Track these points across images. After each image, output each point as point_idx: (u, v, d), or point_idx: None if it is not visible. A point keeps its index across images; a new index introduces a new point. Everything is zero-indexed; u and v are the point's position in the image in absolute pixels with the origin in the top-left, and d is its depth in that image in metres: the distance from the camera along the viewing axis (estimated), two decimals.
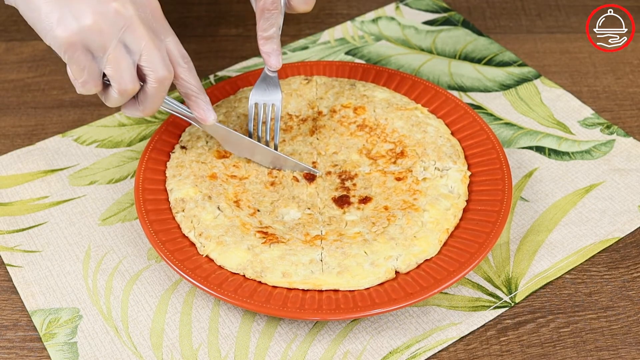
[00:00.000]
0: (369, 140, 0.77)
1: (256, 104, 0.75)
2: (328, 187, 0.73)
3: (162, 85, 0.63)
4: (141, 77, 0.62)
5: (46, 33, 0.59)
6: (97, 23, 0.59)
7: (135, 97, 0.64)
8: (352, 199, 0.71)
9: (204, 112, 0.68)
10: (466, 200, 0.70)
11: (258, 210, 0.70)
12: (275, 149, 0.74)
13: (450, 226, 0.68)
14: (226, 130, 0.71)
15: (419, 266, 0.65)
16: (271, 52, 0.72)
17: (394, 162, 0.74)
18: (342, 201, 0.71)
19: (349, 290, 0.64)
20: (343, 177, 0.74)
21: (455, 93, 0.85)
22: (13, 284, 0.69)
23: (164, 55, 0.62)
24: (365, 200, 0.71)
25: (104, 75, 0.62)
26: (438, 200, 0.69)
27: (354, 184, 0.73)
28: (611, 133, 0.81)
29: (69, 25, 0.58)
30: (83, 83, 0.61)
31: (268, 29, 0.70)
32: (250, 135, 0.75)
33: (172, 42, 0.65)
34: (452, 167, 0.72)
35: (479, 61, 0.90)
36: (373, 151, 0.76)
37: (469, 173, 0.72)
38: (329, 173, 0.74)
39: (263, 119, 0.75)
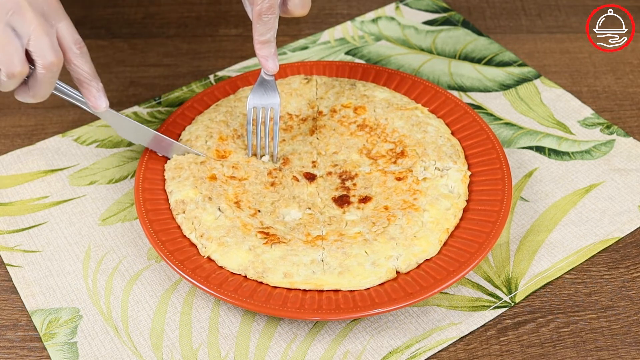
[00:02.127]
0: (369, 140, 0.77)
1: (254, 108, 0.75)
2: (328, 187, 0.73)
3: (50, 71, 0.62)
4: (31, 61, 0.62)
5: None
6: None
7: (25, 83, 0.64)
8: (352, 199, 0.71)
9: (95, 99, 0.68)
10: (466, 200, 0.70)
11: (259, 211, 0.70)
12: (274, 153, 0.75)
13: (450, 226, 0.68)
14: (120, 117, 0.71)
15: (419, 266, 0.66)
16: (268, 56, 0.72)
17: (394, 162, 0.74)
18: (342, 201, 0.71)
19: (349, 291, 0.64)
20: (343, 177, 0.74)
21: (455, 93, 0.85)
22: (13, 284, 0.69)
23: (53, 40, 0.62)
24: (365, 200, 0.71)
25: None
26: (438, 200, 0.69)
27: (354, 184, 0.73)
28: (611, 133, 0.81)
29: None
30: None
31: (265, 33, 0.70)
32: (250, 140, 0.75)
33: (65, 27, 0.64)
34: (452, 167, 0.72)
35: (479, 61, 0.90)
36: (373, 151, 0.76)
37: (469, 173, 0.73)
38: (329, 173, 0.74)
39: (262, 121, 0.76)
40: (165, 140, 0.74)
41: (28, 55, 0.61)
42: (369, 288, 0.64)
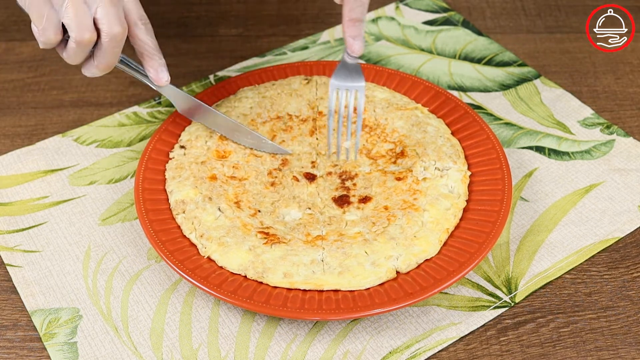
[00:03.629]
0: (369, 140, 0.77)
1: (337, 90, 0.70)
2: (328, 187, 0.73)
3: (115, 40, 0.64)
4: (98, 32, 0.64)
5: None
6: None
7: (91, 56, 0.66)
8: (352, 199, 0.71)
9: (157, 72, 0.70)
10: (466, 200, 0.70)
11: (259, 211, 0.70)
12: (356, 146, 0.70)
13: (450, 226, 0.68)
14: (180, 93, 0.72)
15: (419, 266, 0.65)
16: (356, 36, 0.69)
17: (394, 162, 0.74)
18: (342, 201, 0.71)
19: (349, 291, 0.64)
20: (343, 177, 0.74)
21: (455, 93, 0.85)
22: (13, 284, 0.69)
23: (119, 12, 0.64)
24: (365, 200, 0.71)
25: (65, 32, 0.64)
26: (438, 200, 0.69)
27: (354, 184, 0.73)
28: (611, 133, 0.81)
29: None
30: (42, 30, 0.63)
31: (356, 10, 0.67)
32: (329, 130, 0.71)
33: (132, 2, 0.67)
34: (452, 167, 0.72)
35: (479, 61, 0.90)
36: (373, 151, 0.76)
37: (469, 173, 0.72)
38: (329, 173, 0.74)
39: (345, 103, 0.71)
40: (228, 121, 0.74)
41: (95, 26, 0.64)
42: (369, 288, 0.64)
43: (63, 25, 0.63)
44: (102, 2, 0.63)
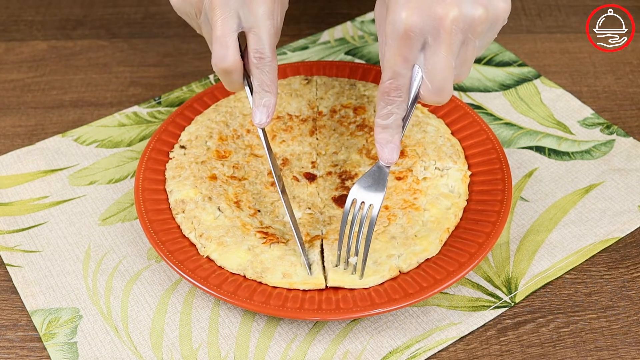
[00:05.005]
0: (369, 140, 0.77)
1: (354, 201, 0.64)
2: (328, 186, 0.73)
3: (219, 72, 0.64)
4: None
5: None
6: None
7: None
8: None
9: (255, 109, 0.66)
10: (466, 200, 0.70)
11: (258, 211, 0.70)
12: (365, 257, 0.63)
13: (451, 225, 0.68)
14: (263, 143, 0.68)
15: (419, 266, 0.65)
16: (384, 143, 0.62)
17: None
18: (342, 200, 0.71)
19: (349, 290, 0.64)
20: (343, 176, 0.74)
21: (455, 93, 0.85)
22: (13, 284, 0.69)
23: (226, 42, 0.63)
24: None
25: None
26: (438, 200, 0.69)
27: (354, 184, 0.73)
28: (611, 133, 0.81)
29: None
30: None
31: (387, 117, 0.61)
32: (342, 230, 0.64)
33: (254, 35, 0.64)
34: (452, 166, 0.72)
35: (478, 61, 0.90)
36: (373, 151, 0.76)
37: (469, 173, 0.72)
38: (329, 173, 0.74)
39: (359, 216, 0.64)
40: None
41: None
42: (369, 288, 0.64)
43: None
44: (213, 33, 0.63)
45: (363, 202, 0.63)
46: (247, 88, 0.67)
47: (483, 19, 0.58)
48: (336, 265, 0.64)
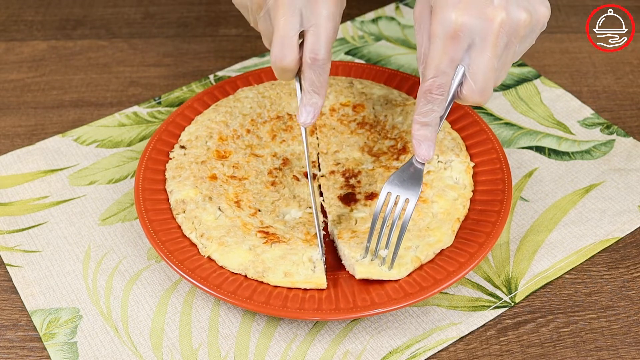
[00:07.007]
0: (369, 137, 0.77)
1: (389, 194, 0.64)
2: (332, 185, 0.73)
3: (276, 70, 0.65)
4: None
5: None
6: None
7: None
8: (358, 196, 0.71)
9: (301, 109, 0.66)
10: (472, 191, 0.70)
11: (259, 210, 0.70)
12: (397, 249, 0.63)
13: (460, 215, 0.68)
14: (304, 141, 0.68)
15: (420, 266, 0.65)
16: (423, 140, 0.63)
17: (397, 159, 0.74)
18: (348, 199, 0.71)
19: (349, 290, 0.64)
20: (347, 175, 0.74)
21: None
22: (13, 284, 0.69)
23: (287, 41, 0.63)
24: (371, 196, 0.71)
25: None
26: (445, 191, 0.69)
27: (359, 181, 0.73)
28: (611, 133, 0.81)
29: None
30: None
31: (427, 114, 0.62)
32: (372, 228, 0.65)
33: (312, 35, 0.63)
34: (454, 159, 0.72)
35: None
36: (375, 148, 0.76)
37: (472, 164, 0.72)
38: (332, 172, 0.74)
39: (393, 209, 0.64)
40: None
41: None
42: (368, 288, 0.64)
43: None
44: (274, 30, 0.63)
45: (398, 196, 0.64)
46: (297, 84, 0.67)
47: (527, 23, 0.60)
48: (363, 258, 0.65)
